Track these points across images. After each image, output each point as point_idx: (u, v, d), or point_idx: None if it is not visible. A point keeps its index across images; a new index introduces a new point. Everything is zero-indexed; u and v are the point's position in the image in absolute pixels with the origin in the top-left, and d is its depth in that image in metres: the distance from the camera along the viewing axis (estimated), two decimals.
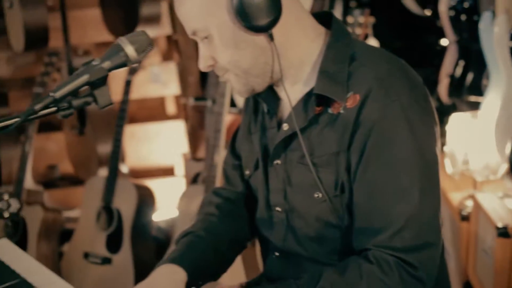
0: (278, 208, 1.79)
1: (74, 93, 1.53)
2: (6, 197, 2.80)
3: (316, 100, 1.66)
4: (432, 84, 4.04)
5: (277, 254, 1.83)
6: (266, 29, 1.62)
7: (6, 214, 2.80)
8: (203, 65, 1.71)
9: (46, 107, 1.52)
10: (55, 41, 4.58)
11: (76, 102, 1.54)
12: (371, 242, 1.59)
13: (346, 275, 1.57)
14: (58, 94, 1.50)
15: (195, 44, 4.75)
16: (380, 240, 1.58)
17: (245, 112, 1.96)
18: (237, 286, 2.00)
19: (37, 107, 1.51)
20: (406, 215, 1.57)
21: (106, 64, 1.53)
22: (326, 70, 1.66)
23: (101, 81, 1.53)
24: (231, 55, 1.66)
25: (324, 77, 1.66)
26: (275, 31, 1.64)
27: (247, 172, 1.93)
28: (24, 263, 2.02)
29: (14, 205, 2.81)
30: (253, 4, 1.58)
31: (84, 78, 1.51)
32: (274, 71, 1.70)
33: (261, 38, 1.65)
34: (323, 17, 1.76)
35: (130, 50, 1.54)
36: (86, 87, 1.53)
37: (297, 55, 1.70)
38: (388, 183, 1.59)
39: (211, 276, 1.84)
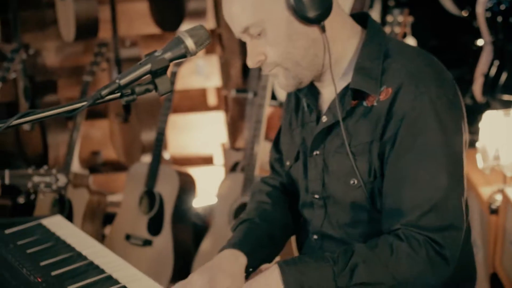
0: (316, 196, 1.92)
1: (137, 81, 1.66)
2: (54, 171, 2.94)
3: (352, 94, 1.79)
4: (467, 83, 4.15)
5: (315, 237, 1.96)
6: (319, 21, 1.73)
7: (54, 187, 2.93)
8: (253, 61, 1.82)
9: (111, 92, 1.64)
10: (104, 32, 4.79)
11: (138, 89, 1.66)
12: (400, 222, 1.71)
13: (377, 250, 1.70)
14: (123, 81, 1.63)
15: (238, 39, 4.93)
16: (409, 220, 1.70)
17: (286, 109, 2.09)
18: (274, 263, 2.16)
19: (104, 92, 1.63)
20: (434, 199, 1.69)
21: (168, 55, 1.65)
22: (361, 66, 1.78)
23: (162, 71, 1.65)
24: (284, 48, 1.77)
25: (359, 73, 1.78)
26: (326, 24, 1.75)
27: (287, 163, 2.05)
28: (77, 237, 2.18)
29: (62, 179, 2.95)
30: None
31: (147, 67, 1.64)
32: (323, 64, 1.81)
33: (313, 30, 1.76)
34: (360, 17, 1.88)
35: (189, 43, 1.66)
36: (148, 75, 1.66)
37: (338, 51, 1.82)
38: (417, 170, 1.71)
39: (266, 258, 1.97)
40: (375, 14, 5.03)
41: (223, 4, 1.83)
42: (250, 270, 1.88)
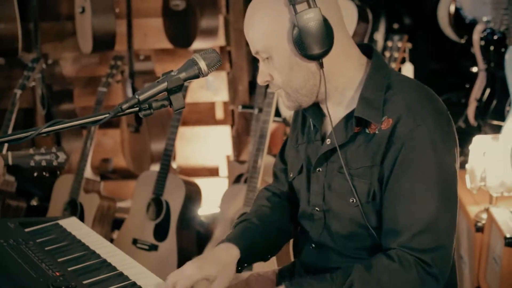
0: (317, 208, 2.07)
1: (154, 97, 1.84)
2: (54, 149, 2.97)
3: (356, 121, 1.95)
4: (463, 106, 4.32)
5: (313, 245, 2.11)
6: (318, 58, 1.91)
7: (55, 163, 2.95)
8: (261, 80, 2.01)
9: (131, 106, 1.81)
10: (119, 45, 4.96)
11: (155, 104, 1.84)
12: (395, 242, 1.88)
13: (373, 270, 1.85)
14: (142, 97, 1.81)
15: (246, 56, 5.13)
16: (402, 241, 1.87)
17: (294, 124, 2.25)
18: (271, 271, 2.34)
19: (124, 106, 1.81)
20: (426, 221, 1.86)
21: (182, 75, 1.83)
22: (365, 96, 1.95)
23: (177, 88, 1.83)
24: (285, 76, 1.95)
25: (363, 103, 1.94)
26: (325, 60, 1.92)
27: (290, 175, 2.21)
28: (91, 237, 2.30)
29: (61, 156, 2.97)
30: (309, 36, 1.87)
31: (164, 85, 1.82)
32: (320, 92, 1.98)
33: (313, 65, 1.94)
34: (365, 48, 2.06)
35: (202, 65, 1.84)
36: (164, 92, 1.83)
37: (341, 81, 1.99)
38: (412, 193, 1.88)
39: (260, 257, 2.14)
40: (379, 36, 5.21)
41: (244, 25, 1.99)
42: (245, 265, 2.05)
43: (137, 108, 1.83)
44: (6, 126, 4.57)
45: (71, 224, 2.42)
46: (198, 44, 4.74)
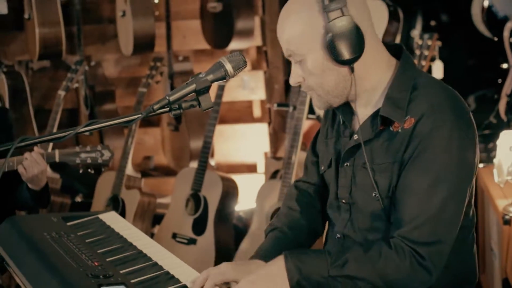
0: (344, 201, 2.15)
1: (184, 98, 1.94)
2: (99, 147, 3.05)
3: (381, 119, 2.03)
4: (495, 102, 4.35)
5: (339, 236, 2.18)
6: (349, 63, 1.98)
7: (100, 161, 3.03)
8: (293, 81, 2.09)
9: (162, 107, 1.91)
10: (159, 47, 5.08)
11: (184, 105, 1.93)
12: (396, 232, 1.96)
13: (369, 253, 1.94)
14: (172, 98, 1.91)
15: (282, 56, 5.23)
16: (403, 231, 1.95)
17: (324, 119, 2.32)
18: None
19: (155, 106, 1.91)
20: (427, 215, 1.93)
21: (210, 77, 1.93)
22: (391, 96, 2.02)
23: (205, 90, 1.93)
24: (317, 79, 2.02)
25: (389, 102, 2.02)
26: (356, 64, 2.00)
27: (322, 168, 2.28)
28: (128, 230, 2.39)
29: (106, 154, 3.05)
30: (341, 43, 1.94)
31: (192, 87, 1.92)
32: (350, 94, 2.07)
33: (344, 69, 2.01)
34: (395, 48, 2.13)
35: (229, 67, 1.93)
36: (193, 93, 1.93)
37: (370, 83, 2.06)
38: (419, 187, 1.95)
39: None
40: (416, 33, 5.26)
41: (277, 28, 2.06)
42: None
43: (168, 108, 1.92)
44: (51, 126, 4.73)
45: (110, 218, 2.51)
46: (235, 44, 4.83)
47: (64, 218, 2.48)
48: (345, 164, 2.14)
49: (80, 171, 3.04)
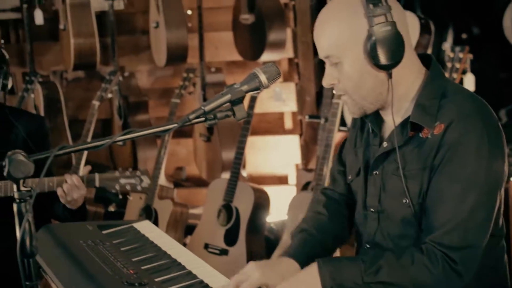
0: (372, 209, 2.17)
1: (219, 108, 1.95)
2: (138, 173, 2.99)
3: (411, 126, 2.06)
4: None
5: (368, 246, 2.20)
6: (389, 68, 2.02)
7: (139, 188, 3.00)
8: (327, 83, 2.11)
9: (197, 117, 1.92)
10: (191, 58, 5.12)
11: (219, 115, 1.94)
12: (428, 237, 1.98)
13: (401, 259, 1.96)
14: (207, 108, 1.92)
15: (314, 68, 5.25)
16: (434, 236, 1.97)
17: (353, 128, 2.34)
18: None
19: (191, 116, 1.91)
20: (458, 220, 1.95)
21: (244, 88, 1.94)
22: (421, 103, 2.05)
23: (240, 100, 1.94)
24: (354, 82, 2.05)
25: (419, 109, 2.05)
26: (394, 70, 2.03)
27: (349, 177, 2.31)
28: (162, 239, 2.41)
29: (145, 180, 2.99)
30: (384, 48, 1.97)
31: (227, 97, 1.93)
32: (385, 101, 2.09)
33: (382, 74, 2.04)
34: (425, 58, 2.16)
35: (263, 78, 1.94)
36: (228, 103, 1.94)
37: (403, 90, 2.09)
38: (450, 192, 1.97)
39: None
40: (447, 46, 5.25)
41: (315, 28, 2.09)
42: None
43: (203, 118, 1.93)
44: (85, 136, 4.79)
45: (144, 227, 2.54)
46: (266, 56, 4.86)
47: (100, 226, 2.51)
48: (374, 172, 2.16)
49: (120, 197, 3.06)
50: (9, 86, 3.10)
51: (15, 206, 1.62)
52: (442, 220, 1.97)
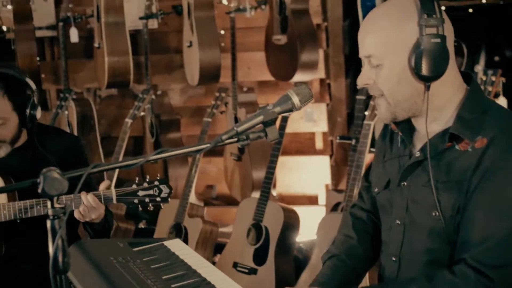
0: (398, 221, 2.16)
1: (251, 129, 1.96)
2: (156, 183, 2.92)
3: (450, 137, 2.04)
4: None
5: (393, 259, 2.19)
6: (429, 80, 2.01)
7: (158, 199, 2.93)
8: (361, 82, 2.10)
9: (230, 137, 1.93)
10: (223, 77, 5.15)
11: (252, 136, 1.95)
12: (465, 254, 1.96)
13: (434, 282, 1.95)
14: (240, 128, 1.92)
15: (345, 89, 5.25)
16: (472, 253, 1.95)
17: (382, 141, 2.33)
18: None
19: (224, 137, 1.92)
20: (498, 237, 1.93)
21: (277, 109, 1.94)
22: (462, 116, 2.04)
23: (272, 121, 1.94)
24: (391, 86, 2.04)
25: (460, 121, 2.04)
26: (433, 83, 2.03)
27: (375, 190, 2.29)
28: (193, 258, 2.38)
29: (165, 190, 2.93)
30: (429, 59, 1.97)
31: (260, 118, 1.93)
32: (418, 110, 2.08)
33: (420, 84, 2.03)
34: (464, 75, 2.15)
35: (296, 100, 1.94)
36: (260, 125, 1.94)
37: (441, 102, 2.07)
38: (491, 208, 1.95)
39: None
40: (480, 68, 5.23)
41: (362, 24, 2.09)
42: None
43: (236, 139, 1.94)
44: (118, 153, 4.84)
45: (174, 245, 2.51)
46: (298, 77, 4.86)
47: (130, 243, 2.50)
48: (402, 183, 2.15)
49: (140, 209, 3.00)
50: (38, 116, 3.11)
51: (48, 223, 1.64)
52: (480, 236, 1.95)
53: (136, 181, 2.93)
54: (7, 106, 3.01)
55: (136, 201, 2.91)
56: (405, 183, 2.14)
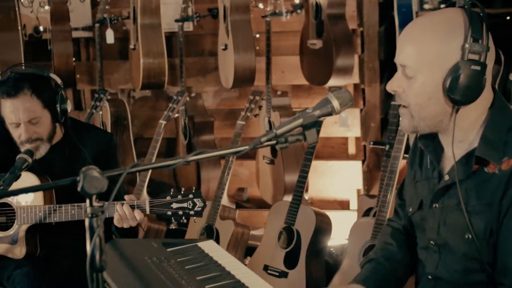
0: (432, 242, 2.16)
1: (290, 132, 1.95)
2: (191, 196, 2.91)
3: (476, 160, 2.02)
4: None
5: (429, 277, 2.20)
6: (459, 105, 1.99)
7: (191, 213, 2.91)
8: (391, 87, 2.08)
9: (268, 140, 1.92)
10: (257, 81, 5.17)
11: (291, 138, 1.93)
12: (505, 279, 1.96)
13: None
14: (279, 131, 1.91)
15: (379, 94, 5.23)
16: (510, 279, 1.95)
17: (412, 162, 2.32)
18: None
19: (263, 139, 1.92)
20: None
21: (317, 113, 1.93)
22: (487, 137, 2.02)
23: (311, 125, 1.93)
24: (420, 101, 2.02)
25: (484, 142, 2.01)
26: (462, 108, 2.01)
27: (410, 210, 2.29)
28: (226, 259, 2.39)
29: (198, 204, 2.91)
30: (465, 85, 1.94)
31: (300, 121, 1.92)
32: (443, 128, 2.07)
33: (449, 106, 2.01)
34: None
35: (335, 104, 1.92)
36: (299, 128, 1.93)
37: (467, 123, 2.05)
38: None
39: None
40: None
41: (404, 30, 2.06)
42: None
43: (275, 142, 1.93)
44: (151, 154, 4.86)
45: (208, 247, 2.53)
46: (333, 81, 4.86)
47: (164, 244, 2.51)
48: (434, 205, 2.14)
49: (173, 222, 2.96)
50: (69, 109, 3.15)
51: (87, 221, 1.65)
52: None
53: (171, 193, 2.93)
54: (38, 105, 3.05)
55: (169, 213, 2.91)
56: (437, 205, 2.13)
